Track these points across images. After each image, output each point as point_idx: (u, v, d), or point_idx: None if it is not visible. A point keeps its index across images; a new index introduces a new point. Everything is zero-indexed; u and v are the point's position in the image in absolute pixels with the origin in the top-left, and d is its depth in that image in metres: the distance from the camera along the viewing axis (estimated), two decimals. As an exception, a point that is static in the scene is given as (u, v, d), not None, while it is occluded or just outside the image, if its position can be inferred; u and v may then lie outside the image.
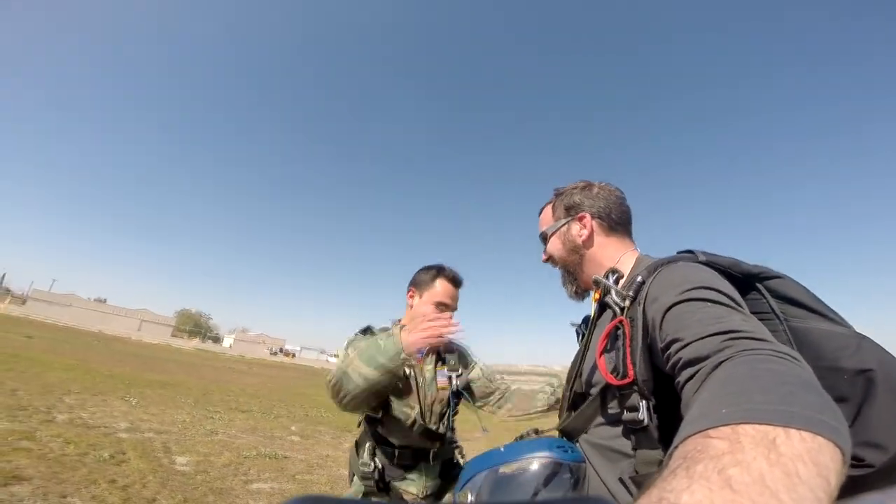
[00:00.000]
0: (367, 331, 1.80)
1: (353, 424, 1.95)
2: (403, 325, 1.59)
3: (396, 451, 1.67)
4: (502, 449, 0.94)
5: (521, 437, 1.14)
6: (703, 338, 0.65)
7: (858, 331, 0.79)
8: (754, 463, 0.37)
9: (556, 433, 1.05)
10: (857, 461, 0.68)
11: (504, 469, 0.90)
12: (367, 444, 1.68)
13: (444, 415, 1.80)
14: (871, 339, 0.77)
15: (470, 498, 0.90)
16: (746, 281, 0.87)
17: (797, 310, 0.83)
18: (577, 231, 1.12)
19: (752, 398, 0.47)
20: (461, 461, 1.85)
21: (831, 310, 0.83)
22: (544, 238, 1.23)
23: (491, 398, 1.88)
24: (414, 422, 1.68)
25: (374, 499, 1.65)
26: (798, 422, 0.42)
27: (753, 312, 0.77)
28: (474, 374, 1.90)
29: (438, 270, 1.84)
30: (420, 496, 1.66)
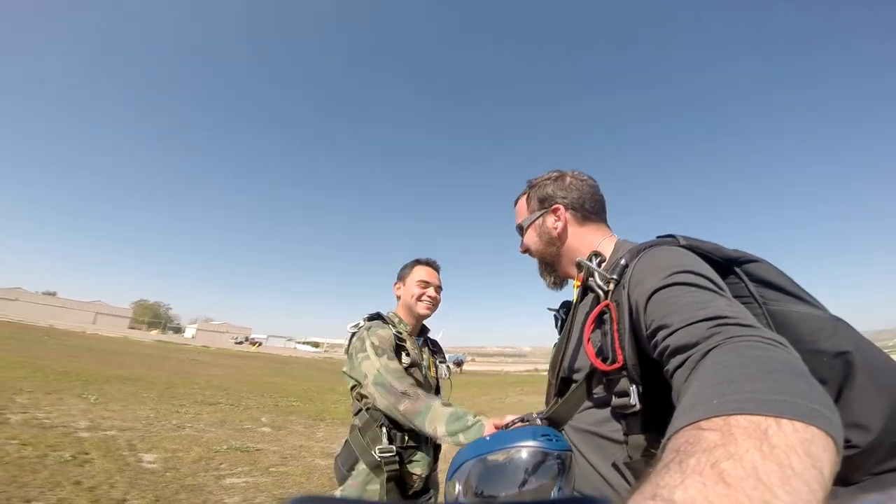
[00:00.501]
0: (375, 317, 1.91)
1: (325, 413, 2.05)
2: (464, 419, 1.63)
3: (406, 435, 1.74)
4: (488, 438, 0.95)
5: (507, 425, 1.16)
6: (690, 324, 0.65)
7: (834, 314, 0.81)
8: (747, 455, 0.37)
9: (542, 421, 1.06)
10: (844, 442, 0.71)
11: (491, 458, 0.91)
12: (384, 430, 1.71)
13: None
14: (846, 321, 0.78)
15: (458, 487, 0.91)
16: (725, 265, 0.87)
17: (774, 293, 0.84)
18: (552, 223, 1.13)
19: (743, 387, 0.46)
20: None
21: (807, 293, 0.84)
22: (521, 230, 1.23)
23: None
24: None
25: (370, 499, 1.68)
26: (789, 411, 0.41)
27: (734, 296, 0.78)
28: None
29: (416, 260, 2.07)
30: (423, 475, 1.77)
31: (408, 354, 1.82)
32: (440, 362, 2.08)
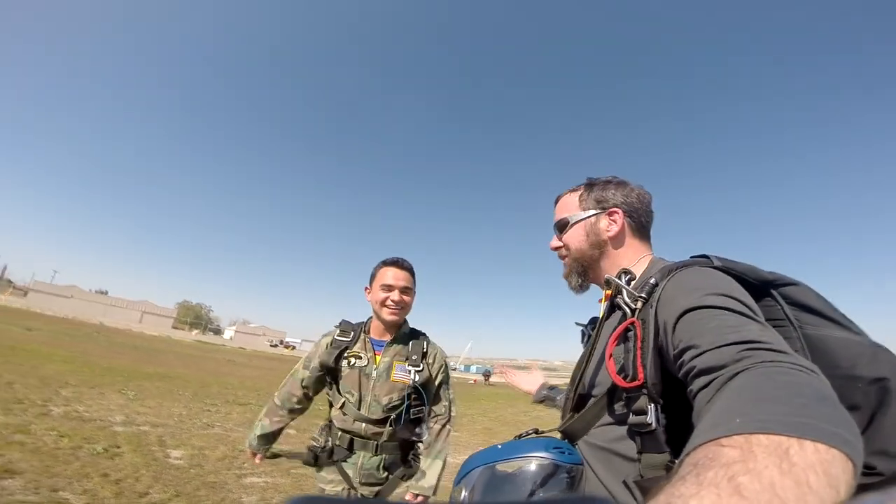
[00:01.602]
0: (341, 324, 2.07)
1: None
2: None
3: (339, 433, 1.89)
4: (500, 447, 0.93)
5: (520, 436, 1.13)
6: (719, 347, 0.63)
7: (874, 340, 0.79)
8: (766, 471, 0.37)
9: (556, 433, 1.03)
10: (867, 469, 0.67)
11: (500, 467, 0.89)
12: (321, 424, 2.00)
13: (395, 407, 1.90)
14: (887, 348, 0.76)
15: (464, 493, 0.90)
16: (761, 287, 0.85)
17: (812, 317, 0.81)
18: (605, 226, 1.07)
19: (767, 409, 0.46)
20: (418, 460, 1.97)
21: (846, 318, 0.81)
22: (563, 226, 1.13)
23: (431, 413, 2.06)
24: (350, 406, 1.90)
25: (368, 498, 1.79)
26: (812, 433, 0.41)
27: (767, 319, 0.75)
28: (434, 377, 2.04)
29: (382, 262, 2.02)
30: (357, 479, 1.86)
31: (341, 359, 1.94)
32: (411, 367, 1.91)
